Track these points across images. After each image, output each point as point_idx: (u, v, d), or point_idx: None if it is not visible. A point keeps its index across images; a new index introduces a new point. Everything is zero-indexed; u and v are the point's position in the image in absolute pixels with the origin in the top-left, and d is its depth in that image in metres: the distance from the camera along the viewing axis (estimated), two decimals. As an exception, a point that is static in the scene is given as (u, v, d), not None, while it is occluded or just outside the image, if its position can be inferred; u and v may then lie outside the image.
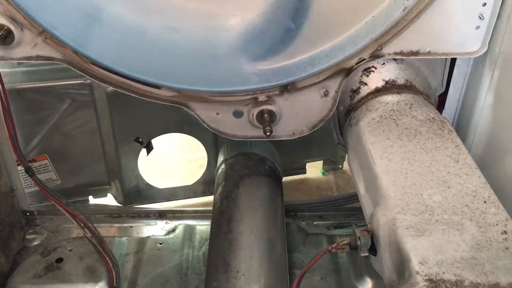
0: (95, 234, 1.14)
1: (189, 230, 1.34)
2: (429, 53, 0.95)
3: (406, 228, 0.70)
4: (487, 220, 0.71)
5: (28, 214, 1.34)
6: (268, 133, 0.99)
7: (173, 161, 2.02)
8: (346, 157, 1.03)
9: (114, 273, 1.13)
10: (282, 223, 1.20)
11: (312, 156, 1.81)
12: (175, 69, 0.92)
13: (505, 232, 0.69)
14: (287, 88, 0.97)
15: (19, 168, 1.25)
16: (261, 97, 0.99)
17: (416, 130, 0.89)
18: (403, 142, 0.87)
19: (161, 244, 1.29)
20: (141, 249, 1.26)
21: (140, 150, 1.52)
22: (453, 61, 1.04)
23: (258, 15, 0.88)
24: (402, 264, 0.67)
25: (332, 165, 1.88)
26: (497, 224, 0.70)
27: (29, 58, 0.93)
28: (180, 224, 1.36)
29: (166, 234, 1.34)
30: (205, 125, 1.03)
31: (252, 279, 1.01)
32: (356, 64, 0.96)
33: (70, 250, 1.18)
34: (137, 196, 1.63)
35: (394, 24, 0.90)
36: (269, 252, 1.09)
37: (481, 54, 0.95)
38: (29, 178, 1.09)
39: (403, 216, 0.72)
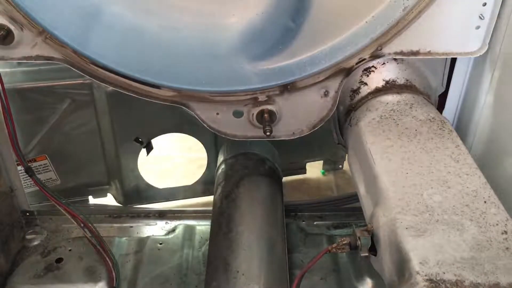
0: (95, 234, 1.14)
1: (189, 230, 1.34)
2: (429, 53, 0.95)
3: (406, 228, 0.69)
4: (487, 220, 0.71)
5: (27, 214, 1.34)
6: (268, 133, 0.99)
7: (173, 161, 2.02)
8: (346, 157, 1.03)
9: (114, 273, 1.13)
10: (282, 223, 1.20)
11: (312, 156, 1.81)
12: (175, 69, 0.92)
13: (505, 232, 0.69)
14: (287, 88, 0.97)
15: (19, 168, 1.25)
16: (261, 97, 0.99)
17: (416, 130, 0.89)
18: (403, 142, 0.87)
19: (161, 244, 1.28)
20: (141, 249, 1.26)
21: (140, 150, 1.52)
22: (453, 61, 1.04)
23: (258, 15, 0.88)
24: (402, 264, 0.67)
25: (332, 165, 1.88)
26: (497, 224, 0.70)
27: (29, 58, 0.93)
28: (180, 224, 1.36)
29: (166, 234, 1.34)
30: (205, 125, 1.03)
31: (252, 279, 1.01)
32: (356, 64, 0.96)
33: (70, 250, 1.18)
34: (137, 196, 1.63)
35: (394, 24, 0.90)
36: (269, 252, 1.08)
37: (481, 54, 0.95)
38: (29, 178, 1.09)
39: (403, 216, 0.72)
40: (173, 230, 1.34)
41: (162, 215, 1.41)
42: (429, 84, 1.04)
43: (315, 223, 1.38)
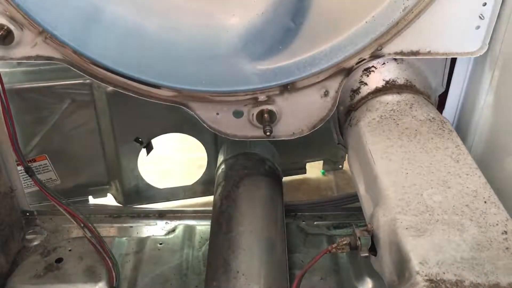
0: (95, 234, 1.14)
1: (189, 230, 1.34)
2: (429, 53, 0.95)
3: (406, 228, 0.69)
4: (488, 220, 0.71)
5: (27, 214, 1.34)
6: (268, 133, 0.99)
7: (173, 161, 2.01)
8: (346, 157, 1.03)
9: (114, 273, 1.13)
10: (282, 223, 1.20)
11: (312, 156, 1.81)
12: (175, 69, 0.92)
13: (505, 232, 0.69)
14: (287, 88, 0.97)
15: (19, 168, 1.25)
16: (261, 97, 0.99)
17: (416, 130, 0.89)
18: (403, 142, 0.87)
19: (161, 244, 1.28)
20: (141, 249, 1.26)
21: (140, 150, 1.52)
22: (453, 61, 1.04)
23: (258, 15, 0.88)
24: (402, 264, 0.67)
25: (332, 165, 1.88)
26: (497, 224, 0.70)
27: (29, 58, 0.93)
28: (180, 224, 1.36)
29: (166, 234, 1.34)
30: (205, 125, 1.03)
31: (252, 279, 1.01)
32: (356, 64, 0.96)
33: (70, 250, 1.18)
34: (137, 196, 1.62)
35: (394, 24, 0.90)
36: (269, 252, 1.08)
37: (481, 54, 0.95)
38: (29, 178, 1.09)
39: (403, 216, 0.71)
40: (173, 230, 1.34)
41: (162, 215, 1.42)
42: (429, 84, 1.04)
43: (315, 223, 1.38)
